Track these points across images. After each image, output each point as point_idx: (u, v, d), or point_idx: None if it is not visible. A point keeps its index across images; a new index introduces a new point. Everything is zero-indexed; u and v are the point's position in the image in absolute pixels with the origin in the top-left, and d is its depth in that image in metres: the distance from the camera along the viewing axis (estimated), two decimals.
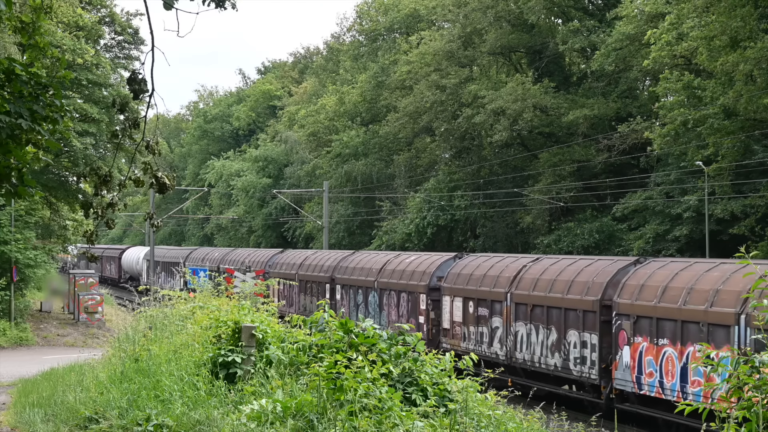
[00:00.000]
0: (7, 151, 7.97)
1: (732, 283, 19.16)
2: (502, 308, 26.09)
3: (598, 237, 46.50)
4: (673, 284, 20.61)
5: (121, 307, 45.42)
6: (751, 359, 6.30)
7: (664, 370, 20.31)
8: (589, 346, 22.61)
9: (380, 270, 33.39)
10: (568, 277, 24.10)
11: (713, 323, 18.94)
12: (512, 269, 26.57)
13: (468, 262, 29.28)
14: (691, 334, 19.54)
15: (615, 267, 23.35)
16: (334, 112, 67.77)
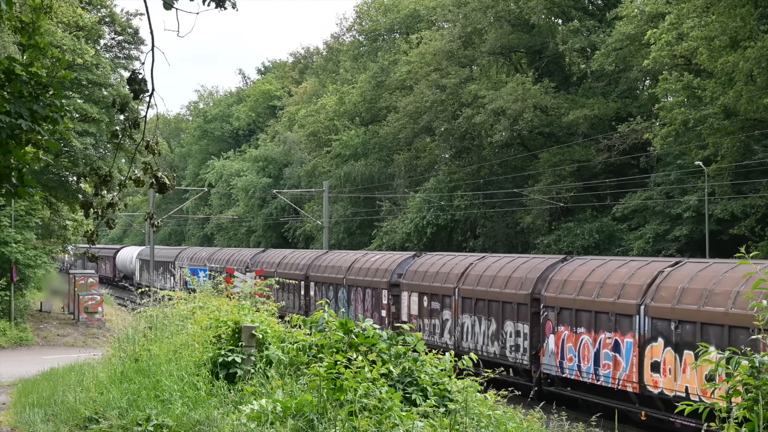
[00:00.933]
0: (7, 151, 7.97)
1: (636, 278, 21.64)
2: (451, 302, 28.51)
3: (598, 237, 46.50)
4: (590, 279, 23.09)
5: (121, 307, 45.42)
6: (751, 359, 6.30)
7: (582, 355, 22.72)
8: (522, 335, 25.09)
9: (348, 268, 35.93)
10: (507, 273, 26.54)
11: (619, 313, 21.45)
12: (460, 267, 29.00)
13: (424, 261, 31.81)
14: (602, 323, 22.10)
15: (545, 264, 25.78)
16: (334, 112, 67.77)
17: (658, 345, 20.40)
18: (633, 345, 21.07)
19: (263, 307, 14.33)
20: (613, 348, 21.74)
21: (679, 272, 21.04)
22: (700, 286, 19.87)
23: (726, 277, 19.56)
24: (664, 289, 20.69)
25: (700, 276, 20.30)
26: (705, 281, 19.95)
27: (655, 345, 20.49)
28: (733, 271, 19.70)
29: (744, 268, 19.18)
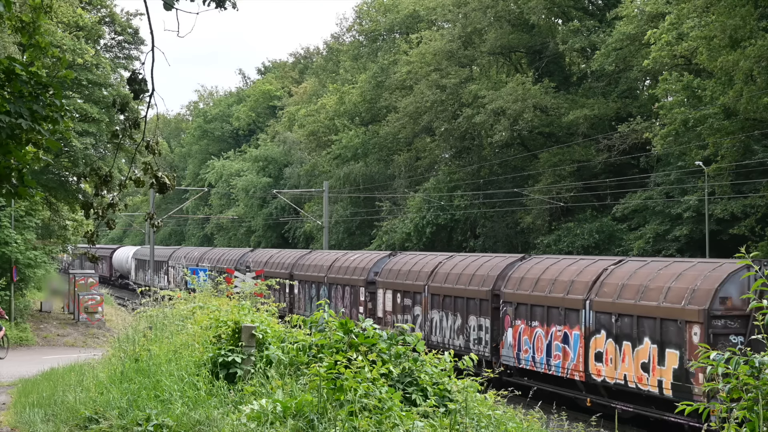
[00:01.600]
0: (7, 151, 7.97)
1: (583, 275, 23.47)
2: (422, 299, 30.33)
3: (598, 237, 46.50)
4: (544, 276, 24.91)
5: (120, 307, 45.43)
6: (751, 359, 6.30)
7: (536, 347, 24.48)
8: (484, 329, 26.91)
9: (329, 267, 37.71)
10: (471, 271, 28.33)
11: (568, 308, 23.25)
12: (430, 265, 30.84)
13: (398, 260, 33.65)
14: (553, 316, 23.86)
15: (505, 263, 27.64)
16: (334, 111, 67.76)
17: (601, 337, 22.11)
18: (580, 337, 22.80)
19: (263, 307, 14.34)
20: (563, 340, 23.46)
21: (621, 270, 22.76)
22: (638, 282, 21.52)
23: (660, 274, 21.27)
24: (606, 285, 22.39)
25: (638, 273, 21.96)
26: (642, 278, 21.61)
27: (598, 337, 22.20)
28: (666, 268, 21.52)
29: (677, 266, 21.45)
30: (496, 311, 26.48)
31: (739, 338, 19.49)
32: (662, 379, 20.28)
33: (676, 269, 21.32)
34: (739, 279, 19.82)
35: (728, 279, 19.84)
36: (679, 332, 19.88)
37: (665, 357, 20.17)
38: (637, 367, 20.92)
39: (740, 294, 19.74)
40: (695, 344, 19.25)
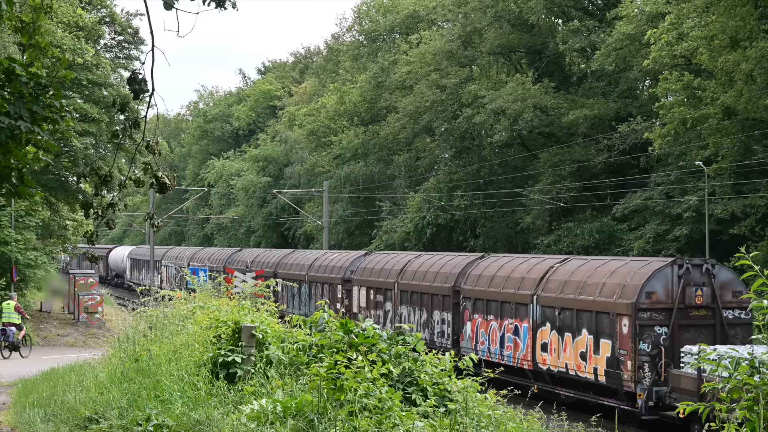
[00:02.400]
0: (7, 151, 7.97)
1: (533, 272, 25.63)
2: (392, 295, 32.25)
3: (598, 237, 46.49)
4: (499, 274, 27.01)
5: (120, 307, 45.44)
6: (751, 359, 6.30)
7: (491, 339, 26.41)
8: (446, 322, 28.79)
9: (310, 266, 39.95)
10: (436, 269, 30.45)
11: (518, 302, 25.33)
12: (400, 264, 32.95)
13: (372, 259, 35.88)
14: (506, 311, 25.90)
15: (466, 261, 29.81)
16: (335, 111, 67.73)
17: (546, 329, 24.22)
18: (528, 329, 24.90)
19: (263, 308, 14.34)
20: (514, 332, 25.55)
21: (565, 267, 24.90)
22: (578, 279, 23.63)
23: (597, 271, 23.35)
24: (552, 281, 24.52)
25: (579, 270, 24.06)
26: (582, 275, 23.69)
27: (544, 329, 24.31)
28: (604, 266, 23.69)
29: (612, 264, 23.65)
30: (456, 306, 28.49)
31: (663, 329, 21.27)
32: (597, 366, 22.18)
33: (611, 267, 23.36)
34: (664, 275, 21.60)
35: (654, 275, 21.56)
36: (611, 324, 21.82)
37: (600, 347, 22.10)
38: (577, 356, 22.94)
39: (664, 289, 21.59)
40: (625, 335, 21.29)
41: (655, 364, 21.16)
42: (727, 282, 22.36)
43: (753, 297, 6.43)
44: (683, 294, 21.65)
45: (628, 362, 21.16)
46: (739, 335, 21.85)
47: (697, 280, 21.92)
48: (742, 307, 21.91)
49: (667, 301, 21.43)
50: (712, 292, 21.93)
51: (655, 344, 21.25)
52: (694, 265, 22.16)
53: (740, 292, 22.13)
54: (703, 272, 22.06)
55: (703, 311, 21.91)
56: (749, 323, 22.03)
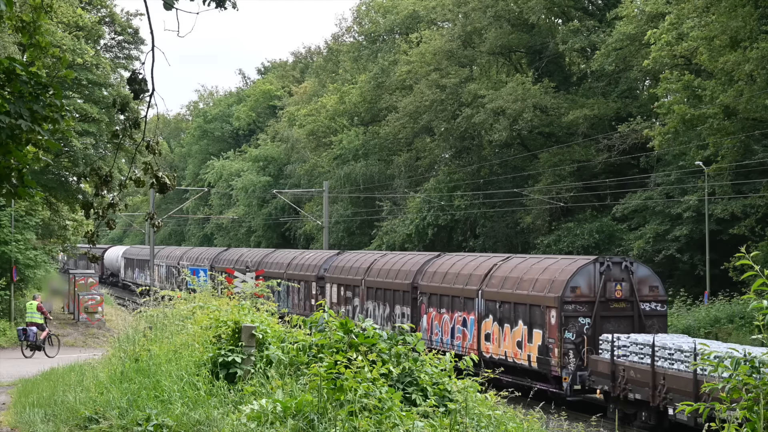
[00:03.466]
0: (7, 151, 7.97)
1: (479, 269, 28.18)
2: (360, 291, 34.71)
3: (598, 237, 46.48)
4: (451, 271, 29.56)
5: (121, 307, 45.45)
6: (751, 359, 6.30)
7: (443, 330, 28.76)
8: (406, 316, 31.16)
9: (288, 264, 42.51)
10: (398, 267, 33.05)
11: (466, 297, 27.84)
12: (367, 262, 35.51)
13: (343, 258, 38.80)
14: (456, 304, 28.48)
15: (423, 260, 32.63)
16: (334, 111, 67.70)
17: (489, 320, 26.86)
18: (474, 321, 27.45)
19: (263, 308, 14.34)
20: (462, 324, 28.06)
21: (506, 264, 27.62)
22: (516, 275, 26.23)
23: (533, 268, 25.99)
24: (494, 278, 27.10)
25: (518, 267, 26.71)
26: (520, 271, 26.28)
27: (487, 320, 26.93)
28: (539, 263, 26.32)
29: (546, 262, 26.31)
30: (414, 301, 31.07)
31: (586, 320, 23.80)
32: (530, 354, 24.72)
33: (544, 264, 25.99)
34: (587, 272, 24.12)
35: (578, 272, 24.11)
36: (542, 315, 24.44)
37: (533, 336, 24.75)
38: (514, 344, 25.54)
39: (588, 284, 24.11)
40: (552, 325, 23.90)
41: (578, 351, 23.68)
42: (645, 278, 24.79)
43: (753, 297, 6.43)
44: (604, 288, 24.16)
45: (556, 349, 23.69)
46: (655, 326, 24.30)
47: (617, 276, 24.37)
48: (658, 300, 24.66)
49: (589, 295, 24.02)
50: (631, 287, 24.35)
51: (579, 333, 23.78)
52: (614, 263, 24.64)
53: (656, 287, 24.82)
54: (622, 269, 24.55)
55: (622, 304, 24.35)
56: (664, 315, 25.01)
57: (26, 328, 29.42)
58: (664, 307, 24.96)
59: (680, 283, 40.90)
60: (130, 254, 76.52)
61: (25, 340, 29.35)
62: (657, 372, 20.21)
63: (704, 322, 34.20)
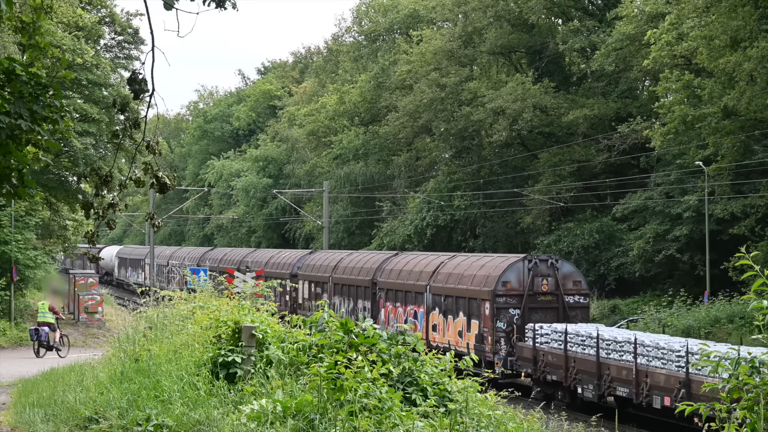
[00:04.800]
0: (7, 151, 7.96)
1: (428, 266, 31.21)
2: (328, 288, 37.41)
3: (598, 237, 46.48)
4: (405, 268, 32.46)
5: (121, 307, 45.46)
6: (751, 359, 6.30)
7: (398, 322, 30.77)
8: (367, 310, 33.83)
9: (265, 263, 45.43)
10: (360, 265, 35.97)
11: (417, 292, 30.88)
12: (334, 261, 38.60)
13: (314, 257, 42.02)
14: (409, 299, 31.39)
15: (383, 258, 35.54)
16: (334, 111, 67.69)
17: (435, 312, 29.74)
18: (424, 313, 30.28)
19: (263, 308, 14.33)
20: (414, 316, 30.83)
21: (451, 262, 30.55)
22: (459, 272, 29.04)
23: (473, 265, 28.96)
24: (441, 274, 30.00)
25: (460, 265, 29.71)
26: (462, 268, 29.10)
27: (434, 312, 29.85)
28: (478, 261, 29.42)
29: (484, 260, 29.27)
30: (374, 296, 33.78)
31: (516, 311, 26.61)
32: (469, 342, 27.42)
33: (482, 262, 28.91)
34: (517, 268, 27.00)
35: (509, 268, 27.01)
36: (478, 307, 27.28)
37: (471, 326, 27.60)
38: (456, 334, 28.31)
39: (517, 279, 26.95)
40: (486, 316, 26.87)
41: (509, 338, 26.43)
42: (569, 274, 27.64)
43: (753, 297, 6.43)
44: (532, 283, 26.97)
45: (489, 338, 26.55)
46: (578, 316, 27.15)
47: (543, 272, 27.15)
48: (581, 293, 27.62)
49: (519, 289, 26.91)
50: (556, 282, 27.19)
51: (510, 323, 26.60)
52: (541, 260, 27.48)
53: (579, 282, 27.77)
54: (548, 266, 27.31)
55: (548, 297, 27.14)
56: (587, 306, 28.04)
57: (38, 328, 29.64)
58: (586, 300, 27.93)
59: (680, 283, 40.90)
60: (123, 254, 79.52)
61: (37, 340, 29.54)
62: (569, 356, 23.38)
63: (704, 322, 34.18)
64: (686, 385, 19.23)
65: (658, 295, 42.12)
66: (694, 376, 19.13)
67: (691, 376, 19.21)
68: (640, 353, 21.07)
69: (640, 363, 20.98)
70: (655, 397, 20.38)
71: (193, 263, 54.80)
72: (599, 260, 46.56)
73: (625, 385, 21.33)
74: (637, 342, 21.11)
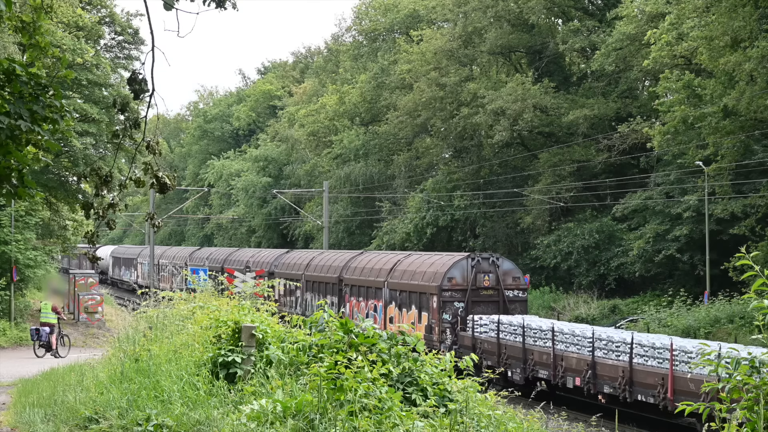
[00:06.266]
0: (7, 152, 7.96)
1: (387, 264, 33.82)
2: (301, 284, 39.66)
3: (598, 237, 46.47)
4: (367, 266, 34.98)
5: (121, 307, 45.47)
6: (751, 359, 6.30)
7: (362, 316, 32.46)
8: (334, 304, 35.66)
9: (246, 262, 47.82)
10: (329, 263, 38.36)
11: (376, 287, 33.30)
12: (307, 260, 41.28)
13: (290, 255, 44.78)
14: (370, 294, 33.83)
15: (348, 256, 38.04)
16: (334, 111, 67.69)
17: (392, 306, 32.15)
18: (382, 307, 32.65)
19: (263, 308, 14.33)
20: (374, 309, 33.10)
21: (407, 260, 33.21)
22: (413, 269, 31.60)
23: (424, 263, 31.64)
24: (397, 271, 32.55)
25: (414, 262, 32.32)
26: (415, 266, 31.76)
27: (391, 306, 32.24)
28: (429, 259, 32.16)
29: (434, 258, 31.93)
30: (340, 291, 36.07)
31: (460, 304, 29.20)
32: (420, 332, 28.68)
33: (433, 260, 31.59)
34: (461, 265, 29.54)
35: (454, 266, 29.56)
36: (427, 301, 29.90)
37: (422, 317, 30.13)
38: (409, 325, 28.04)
39: (461, 275, 29.48)
40: (434, 308, 29.41)
41: (454, 329, 28.96)
42: (509, 270, 30.24)
43: (753, 297, 6.43)
44: (475, 279, 29.48)
45: (436, 328, 29.06)
46: (518, 309, 29.76)
47: (485, 269, 29.73)
48: (520, 288, 30.19)
49: (463, 284, 29.40)
50: (497, 278, 29.77)
51: (454, 315, 29.19)
52: (483, 258, 30.09)
53: (518, 278, 30.35)
54: (490, 263, 29.90)
55: (490, 291, 29.69)
56: (525, 300, 30.58)
57: (39, 328, 29.59)
58: (524, 294, 30.55)
59: (680, 283, 40.89)
60: (117, 253, 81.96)
61: (38, 340, 29.51)
62: (501, 343, 26.30)
63: (704, 322, 34.17)
64: (592, 367, 22.24)
65: (658, 295, 42.13)
66: (599, 358, 22.22)
67: (596, 359, 22.25)
68: (558, 340, 23.87)
69: (557, 348, 23.82)
70: (568, 377, 23.21)
71: (180, 262, 57.92)
72: (599, 260, 46.56)
73: (545, 368, 24.13)
74: (554, 330, 24.02)
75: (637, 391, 20.68)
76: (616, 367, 21.39)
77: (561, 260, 47.37)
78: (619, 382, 21.11)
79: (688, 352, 19.25)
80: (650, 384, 20.22)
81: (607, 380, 21.72)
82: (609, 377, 21.67)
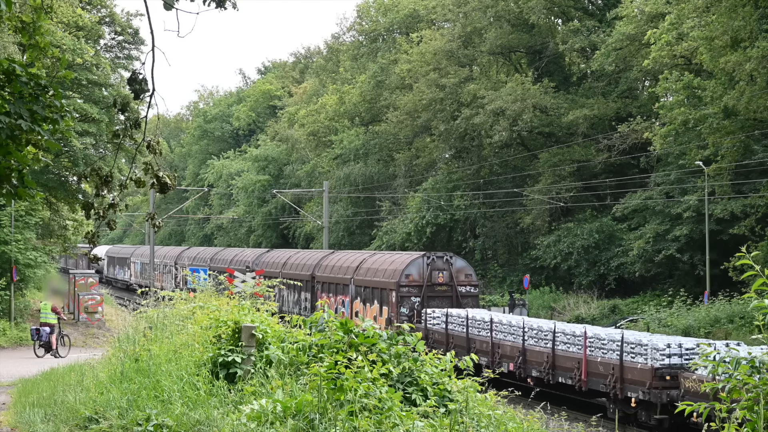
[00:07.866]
0: (7, 152, 7.96)
1: (353, 262, 36.04)
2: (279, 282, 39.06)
3: (598, 237, 46.46)
4: (336, 264, 37.37)
5: (121, 307, 45.45)
6: (751, 359, 6.30)
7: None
8: (307, 300, 38.44)
9: (230, 260, 50.52)
10: (303, 262, 40.84)
11: (344, 284, 35.58)
12: (284, 258, 43.95)
13: (270, 254, 48.13)
14: (339, 290, 36.10)
15: (320, 255, 40.65)
16: (334, 111, 67.69)
17: (358, 301, 34.35)
18: (349, 302, 34.85)
19: (263, 307, 14.33)
20: (342, 305, 35.27)
21: (371, 259, 35.51)
22: (376, 266, 33.88)
23: (385, 261, 34.11)
24: (362, 269, 34.79)
25: (377, 261, 34.72)
26: (378, 264, 34.04)
27: (357, 301, 34.44)
28: (390, 257, 34.77)
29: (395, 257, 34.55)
30: (313, 288, 38.35)
31: (417, 299, 31.63)
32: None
33: (393, 258, 34.19)
34: (417, 263, 31.93)
35: (410, 264, 32.02)
36: (387, 296, 32.17)
37: (383, 311, 32.31)
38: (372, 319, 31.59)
39: (418, 272, 31.90)
40: (393, 303, 31.68)
41: (411, 322, 30.22)
42: (461, 268, 32.59)
43: (753, 297, 6.43)
44: (430, 276, 31.84)
45: (395, 321, 30.26)
46: (470, 303, 31.95)
47: (440, 267, 32.06)
48: (471, 284, 32.63)
49: (419, 281, 31.81)
50: (450, 275, 32.07)
51: (411, 309, 31.54)
52: (438, 257, 32.44)
53: (471, 275, 32.78)
54: (444, 261, 32.19)
55: (444, 287, 32.04)
56: (476, 295, 33.13)
57: (39, 328, 29.59)
58: (476, 290, 33.04)
59: (680, 283, 40.90)
60: (112, 253, 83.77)
61: (38, 340, 29.51)
62: (449, 334, 28.75)
63: (704, 322, 34.19)
64: (523, 353, 24.88)
65: (658, 295, 42.13)
66: (529, 346, 24.86)
67: (527, 346, 24.90)
68: (496, 329, 26.45)
69: (494, 337, 26.41)
70: (504, 363, 25.56)
71: (171, 261, 60.74)
72: (599, 260, 46.57)
73: (485, 355, 26.13)
74: (492, 321, 26.62)
75: (559, 374, 23.48)
76: (542, 353, 24.13)
77: (561, 260, 47.37)
78: (544, 367, 23.84)
79: (601, 339, 22.09)
80: (568, 367, 23.05)
81: (535, 365, 24.44)
82: (536, 362, 24.41)
